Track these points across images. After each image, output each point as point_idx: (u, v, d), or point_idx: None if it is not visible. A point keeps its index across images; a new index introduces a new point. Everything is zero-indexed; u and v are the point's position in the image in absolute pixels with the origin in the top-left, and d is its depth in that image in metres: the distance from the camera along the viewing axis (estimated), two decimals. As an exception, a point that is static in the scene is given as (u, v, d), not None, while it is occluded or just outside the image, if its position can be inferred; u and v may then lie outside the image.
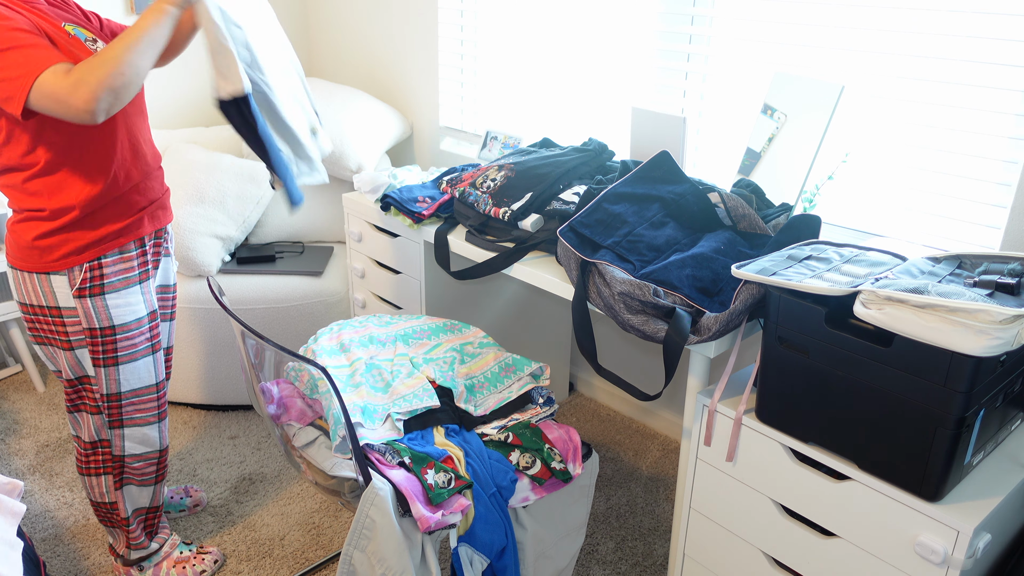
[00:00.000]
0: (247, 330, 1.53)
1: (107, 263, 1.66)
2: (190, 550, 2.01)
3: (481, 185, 1.94)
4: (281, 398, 1.68)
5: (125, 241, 1.68)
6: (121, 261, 1.69)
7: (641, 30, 2.31)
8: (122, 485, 1.86)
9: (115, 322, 1.68)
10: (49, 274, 1.62)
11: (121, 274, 1.68)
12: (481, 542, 1.52)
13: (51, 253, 1.61)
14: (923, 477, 1.23)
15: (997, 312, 1.09)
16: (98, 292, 1.65)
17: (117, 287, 1.67)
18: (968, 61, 1.71)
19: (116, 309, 1.68)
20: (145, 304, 1.74)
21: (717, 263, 1.56)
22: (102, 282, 1.65)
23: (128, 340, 1.72)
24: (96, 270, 1.64)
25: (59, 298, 1.65)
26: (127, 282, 1.69)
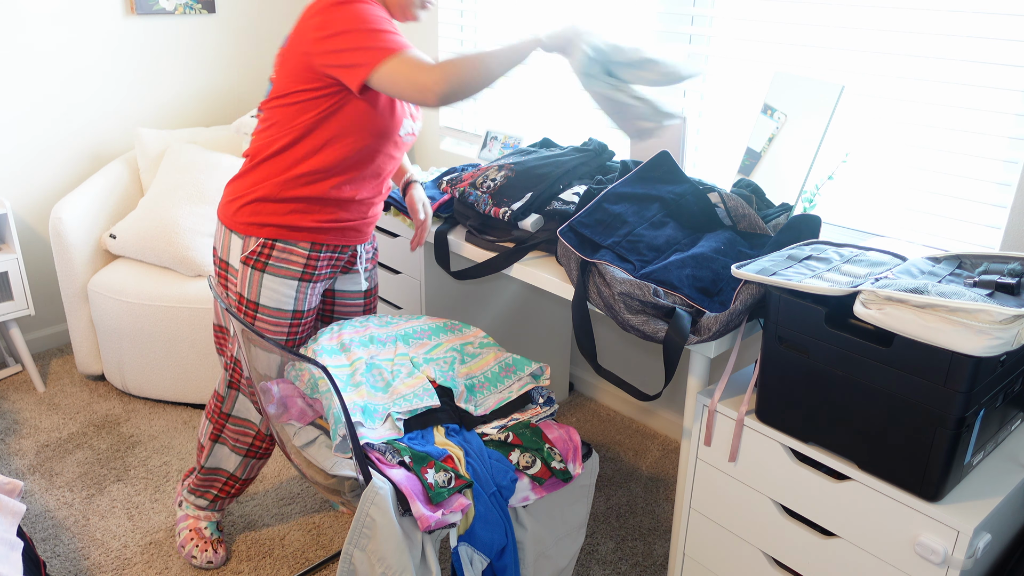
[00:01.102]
0: (247, 329, 1.53)
1: (279, 247, 1.74)
2: (213, 534, 2.05)
3: (481, 185, 1.94)
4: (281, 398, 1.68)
5: (297, 239, 1.74)
6: (290, 253, 1.75)
7: (641, 30, 2.31)
8: (216, 439, 1.97)
9: (260, 300, 1.77)
10: (231, 232, 1.77)
11: (284, 263, 1.75)
12: (481, 541, 1.52)
13: (244, 215, 1.74)
14: (923, 477, 1.23)
15: (997, 312, 1.09)
16: (260, 268, 1.74)
17: (277, 272, 1.75)
18: (968, 61, 1.71)
19: (267, 290, 1.76)
20: (295, 301, 1.79)
21: (717, 263, 1.56)
22: (267, 261, 1.74)
23: (265, 323, 1.79)
24: (267, 248, 1.73)
25: (231, 256, 1.79)
26: (288, 273, 1.76)
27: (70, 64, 2.90)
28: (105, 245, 2.77)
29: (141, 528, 2.17)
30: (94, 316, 2.70)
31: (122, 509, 2.24)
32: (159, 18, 3.07)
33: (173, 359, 2.62)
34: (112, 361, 2.72)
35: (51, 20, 2.82)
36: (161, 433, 2.58)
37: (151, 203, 2.74)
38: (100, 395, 2.80)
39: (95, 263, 2.75)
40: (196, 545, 2.02)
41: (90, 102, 2.99)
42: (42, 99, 2.87)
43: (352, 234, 1.82)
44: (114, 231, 2.74)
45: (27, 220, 2.95)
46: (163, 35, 3.10)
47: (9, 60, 2.76)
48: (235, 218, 1.75)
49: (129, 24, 3.00)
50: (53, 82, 2.88)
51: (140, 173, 2.94)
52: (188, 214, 2.70)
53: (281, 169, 1.70)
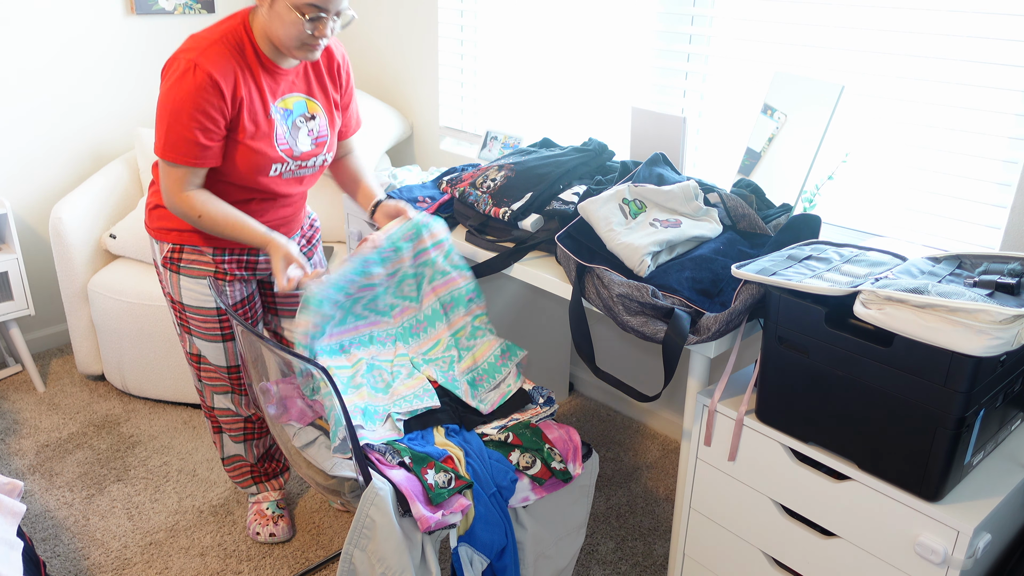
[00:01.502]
0: (247, 330, 1.53)
1: (186, 250, 1.82)
2: (274, 511, 2.14)
3: (481, 185, 1.94)
4: (281, 398, 1.68)
5: (199, 243, 1.81)
6: (198, 255, 1.82)
7: (641, 30, 2.31)
8: (219, 431, 2.06)
9: (183, 300, 1.85)
10: (150, 237, 1.88)
11: (195, 264, 1.82)
12: (481, 542, 1.52)
13: (154, 221, 1.84)
14: (923, 477, 1.23)
15: (997, 312, 1.09)
16: (175, 270, 1.83)
17: (191, 274, 1.83)
18: (968, 61, 1.71)
19: (186, 291, 1.84)
20: (215, 299, 1.85)
21: (717, 263, 1.56)
22: (179, 263, 1.82)
23: (196, 322, 1.87)
24: (176, 252, 1.82)
25: (157, 257, 1.87)
26: (200, 273, 1.82)
27: (70, 64, 2.90)
28: (105, 245, 2.77)
29: (141, 528, 2.17)
30: (94, 316, 2.70)
31: (122, 509, 2.24)
32: (159, 18, 3.07)
33: (173, 359, 2.62)
34: (112, 361, 2.72)
35: (51, 20, 2.82)
36: (161, 433, 2.58)
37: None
38: (100, 395, 2.80)
39: (95, 263, 2.75)
40: (258, 523, 2.12)
41: (90, 102, 2.99)
42: (42, 99, 2.87)
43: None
44: (114, 231, 2.74)
45: (27, 220, 2.95)
46: (163, 35, 3.10)
47: (9, 60, 2.76)
48: (149, 223, 1.85)
49: (129, 24, 3.00)
50: (53, 82, 2.88)
51: (140, 173, 2.94)
52: (188, 214, 2.70)
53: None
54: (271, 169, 1.74)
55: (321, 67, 1.80)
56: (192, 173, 1.66)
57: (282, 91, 1.73)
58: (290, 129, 1.74)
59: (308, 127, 1.77)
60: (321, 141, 1.81)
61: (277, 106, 1.72)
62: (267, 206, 1.84)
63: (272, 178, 1.76)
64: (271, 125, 1.70)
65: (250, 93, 1.65)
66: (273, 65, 1.69)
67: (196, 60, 1.58)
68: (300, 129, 1.76)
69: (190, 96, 1.58)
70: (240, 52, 1.64)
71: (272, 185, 1.78)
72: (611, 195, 1.69)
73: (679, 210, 1.69)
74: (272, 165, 1.73)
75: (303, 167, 1.80)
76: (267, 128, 1.70)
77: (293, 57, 1.67)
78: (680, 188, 1.69)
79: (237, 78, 1.62)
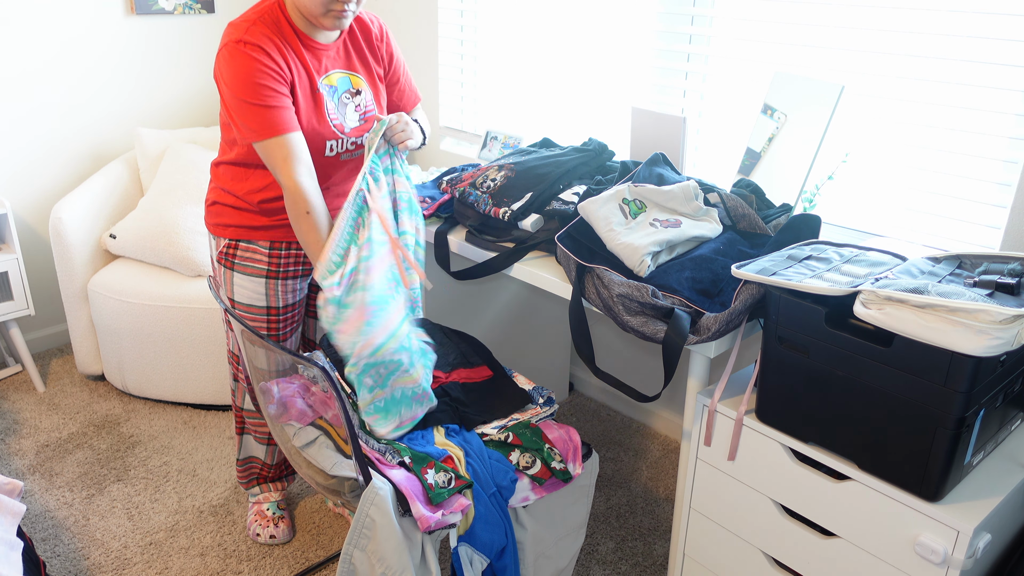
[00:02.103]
0: (247, 330, 1.53)
1: (242, 247, 1.83)
2: (275, 512, 2.14)
3: (481, 185, 1.94)
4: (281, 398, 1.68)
5: (256, 237, 1.81)
6: (253, 252, 1.83)
7: (641, 30, 2.31)
8: (242, 432, 2.07)
9: (234, 297, 1.86)
10: (209, 233, 1.90)
11: (249, 261, 1.83)
12: (481, 542, 1.52)
13: (212, 217, 1.86)
14: (923, 477, 1.23)
15: (997, 312, 1.09)
16: (230, 266, 1.84)
17: (245, 271, 1.84)
18: (968, 61, 1.71)
19: (238, 287, 1.85)
20: (267, 297, 1.85)
21: (717, 263, 1.56)
22: (234, 260, 1.84)
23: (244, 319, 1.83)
24: (232, 248, 1.83)
25: (213, 254, 1.89)
26: (254, 271, 1.83)
27: (70, 64, 2.90)
28: (105, 245, 2.77)
29: (141, 528, 2.17)
30: (94, 316, 2.70)
31: (122, 509, 2.24)
32: (159, 18, 3.07)
33: (173, 359, 2.62)
34: (112, 361, 2.72)
35: (51, 20, 2.82)
36: (161, 433, 2.58)
37: (151, 203, 2.74)
38: (100, 395, 2.80)
39: (95, 263, 2.75)
40: (259, 523, 2.12)
41: (90, 102, 2.99)
42: (42, 99, 2.87)
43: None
44: (114, 231, 2.74)
45: (27, 220, 2.95)
46: (163, 35, 3.10)
47: (9, 60, 2.76)
48: (207, 219, 1.87)
49: (129, 24, 3.00)
50: (53, 82, 2.88)
51: (140, 173, 2.94)
52: (188, 214, 2.70)
53: (231, 178, 1.80)
54: (327, 148, 1.74)
55: (360, 41, 1.81)
56: (292, 145, 1.62)
57: (325, 67, 1.74)
58: (337, 105, 1.75)
59: (355, 102, 1.78)
60: (369, 116, 1.82)
61: (323, 82, 1.73)
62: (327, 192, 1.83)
63: (329, 159, 1.76)
64: (320, 100, 1.71)
65: (296, 68, 1.67)
66: (311, 41, 1.70)
67: (240, 39, 1.60)
68: (347, 105, 1.77)
69: (247, 71, 1.59)
70: (278, 30, 1.65)
71: (330, 169, 1.78)
72: (611, 195, 1.69)
73: (679, 210, 1.69)
74: (327, 143, 1.74)
75: (357, 145, 1.81)
76: (317, 104, 1.71)
77: (323, 27, 1.67)
78: (680, 188, 1.69)
79: (282, 52, 1.64)
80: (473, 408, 1.69)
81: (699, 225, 1.66)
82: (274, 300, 1.86)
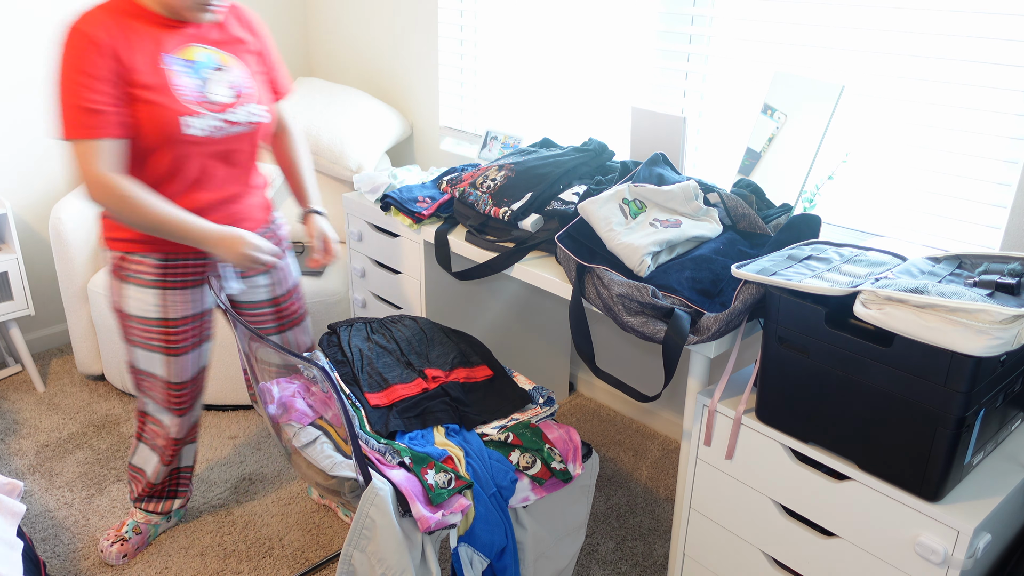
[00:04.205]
0: (247, 330, 1.53)
1: (131, 259, 1.78)
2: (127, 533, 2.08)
3: (481, 185, 1.94)
4: (281, 398, 1.68)
5: (146, 250, 1.77)
6: (143, 264, 1.78)
7: (641, 30, 2.31)
8: (140, 437, 2.03)
9: (126, 309, 1.82)
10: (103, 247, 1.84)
11: (140, 273, 1.79)
12: (481, 542, 1.52)
13: (103, 231, 1.81)
14: (923, 477, 1.23)
15: (997, 312, 1.09)
16: (121, 278, 1.80)
17: (136, 282, 1.79)
18: (968, 61, 1.71)
19: (131, 299, 1.81)
20: (160, 309, 1.81)
21: (717, 263, 1.56)
22: (125, 272, 1.79)
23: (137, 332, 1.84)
24: (123, 260, 1.79)
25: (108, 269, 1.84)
26: (144, 282, 1.79)
27: (70, 64, 2.90)
28: (105, 245, 2.77)
29: (141, 528, 2.17)
30: (94, 316, 2.70)
31: (122, 509, 2.24)
32: (159, 18, 3.07)
33: (173, 359, 2.62)
34: (112, 361, 2.71)
35: (51, 20, 2.82)
36: (161, 433, 2.58)
37: (151, 203, 2.74)
38: (100, 395, 2.80)
39: (95, 263, 2.75)
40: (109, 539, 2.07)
41: (90, 102, 2.99)
42: (42, 100, 2.87)
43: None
44: (114, 231, 2.74)
45: (27, 220, 2.95)
46: (163, 35, 3.09)
47: (9, 60, 2.76)
48: (100, 233, 1.83)
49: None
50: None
51: (140, 173, 2.94)
52: (188, 214, 2.70)
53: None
54: (183, 124, 1.63)
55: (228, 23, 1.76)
56: (98, 149, 1.57)
57: (180, 43, 1.66)
58: (205, 81, 1.68)
59: (225, 79, 1.71)
60: (241, 92, 1.73)
61: (176, 56, 1.65)
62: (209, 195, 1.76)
63: (196, 138, 1.66)
64: (164, 76, 1.62)
65: (138, 44, 1.60)
66: (163, 19, 1.64)
67: (73, 26, 1.56)
68: (213, 80, 1.70)
69: (70, 59, 1.54)
70: (123, 11, 1.60)
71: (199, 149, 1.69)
72: (611, 195, 1.69)
73: (679, 210, 1.69)
74: (181, 119, 1.63)
75: (233, 123, 1.71)
76: (162, 79, 1.62)
77: (190, 20, 1.65)
78: (680, 188, 1.69)
79: (117, 34, 1.58)
80: (473, 408, 1.70)
81: (699, 225, 1.66)
82: (169, 311, 1.81)
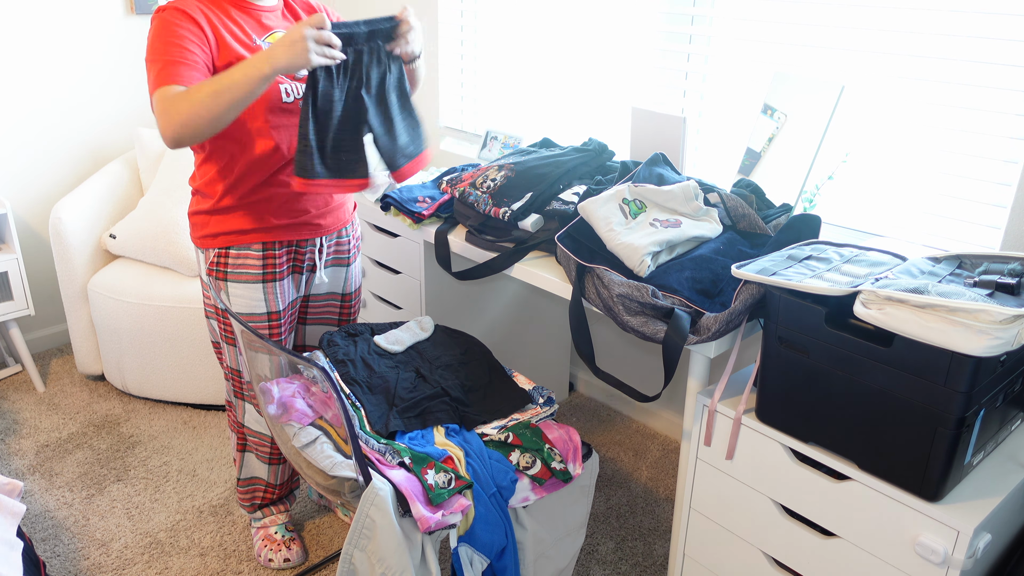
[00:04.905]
0: (247, 330, 1.53)
1: (232, 254, 1.77)
2: (284, 535, 2.07)
3: (481, 185, 1.94)
4: (281, 398, 1.68)
5: (250, 241, 1.76)
6: (246, 257, 1.77)
7: (641, 30, 2.31)
8: (243, 450, 2.02)
9: (232, 308, 1.80)
10: (197, 248, 1.83)
11: (242, 268, 1.78)
12: (481, 542, 1.52)
13: (197, 230, 1.79)
14: (923, 477, 1.23)
15: (997, 312, 1.09)
16: (222, 277, 1.79)
17: (239, 279, 1.78)
18: (968, 61, 1.71)
19: (235, 298, 1.79)
20: (266, 303, 1.81)
21: (717, 263, 1.56)
22: (226, 269, 1.78)
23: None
24: (223, 257, 1.77)
25: (202, 269, 1.83)
26: (248, 277, 1.78)
27: (70, 64, 2.90)
28: (105, 245, 2.77)
29: (141, 528, 2.17)
30: (94, 316, 2.70)
31: (122, 509, 2.24)
32: (159, 18, 3.07)
33: (173, 359, 2.62)
34: (112, 361, 2.72)
35: (51, 20, 2.82)
36: (161, 433, 2.58)
37: (151, 203, 2.74)
38: (100, 395, 2.80)
39: (95, 263, 2.75)
40: (270, 549, 2.04)
41: (90, 102, 2.99)
42: (42, 99, 2.87)
43: (305, 228, 1.82)
44: (114, 231, 2.74)
45: (27, 220, 2.95)
46: (163, 35, 3.09)
47: (9, 60, 2.76)
48: (194, 233, 1.80)
49: (129, 24, 3.00)
50: (53, 82, 2.88)
51: (140, 173, 2.94)
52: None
53: (210, 180, 1.74)
54: (283, 92, 1.68)
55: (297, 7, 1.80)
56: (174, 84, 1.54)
57: (264, 29, 1.71)
58: None
59: None
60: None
61: (265, 40, 1.70)
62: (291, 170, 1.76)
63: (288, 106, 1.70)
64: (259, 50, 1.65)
65: (228, 28, 1.64)
66: (247, 3, 1.69)
67: (163, 6, 1.59)
68: None
69: (163, 30, 1.56)
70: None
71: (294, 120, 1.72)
72: (611, 195, 1.69)
73: (679, 210, 1.69)
74: (281, 87, 1.68)
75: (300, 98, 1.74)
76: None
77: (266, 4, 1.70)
78: (680, 188, 1.69)
79: (208, 15, 1.62)
80: (473, 408, 1.69)
81: (699, 225, 1.66)
82: (274, 304, 1.82)
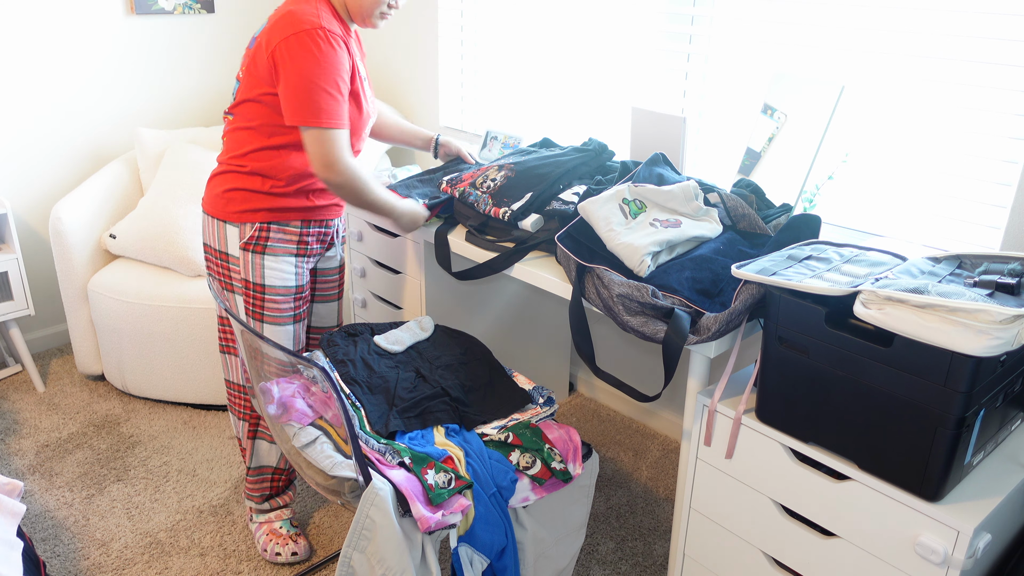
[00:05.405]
0: (247, 330, 1.53)
1: (274, 228, 1.83)
2: (289, 530, 2.08)
3: (481, 185, 1.94)
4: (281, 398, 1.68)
5: (289, 218, 1.84)
6: (284, 232, 1.84)
7: (641, 30, 2.31)
8: (254, 437, 2.03)
9: (265, 282, 1.85)
10: (226, 223, 1.84)
11: (281, 243, 1.85)
12: (481, 542, 1.52)
13: (235, 204, 1.82)
14: (923, 477, 1.23)
15: (997, 312, 1.09)
16: (260, 251, 1.83)
17: (276, 252, 1.84)
18: (969, 61, 1.71)
19: (270, 271, 1.85)
20: (296, 277, 1.88)
21: (717, 263, 1.56)
22: (266, 243, 1.83)
23: (273, 303, 1.87)
24: (264, 231, 1.82)
25: (229, 246, 1.86)
26: (285, 251, 1.85)
27: (70, 64, 2.90)
28: (105, 245, 2.77)
29: (141, 528, 2.17)
30: (94, 316, 2.70)
31: (122, 509, 2.24)
32: (159, 18, 3.07)
33: (173, 359, 2.62)
34: (112, 361, 2.72)
35: (51, 20, 2.82)
36: (161, 433, 2.58)
37: (151, 203, 2.74)
38: (100, 395, 2.80)
39: (95, 263, 2.75)
40: (276, 543, 2.05)
41: (90, 102, 2.99)
42: (42, 99, 2.87)
43: (335, 209, 1.95)
44: (114, 231, 2.74)
45: (27, 220, 2.95)
46: (163, 35, 3.10)
47: (9, 60, 2.76)
48: (227, 208, 1.83)
49: (129, 24, 3.00)
50: (53, 82, 2.88)
51: (140, 173, 2.94)
52: (188, 214, 2.70)
53: (267, 164, 1.79)
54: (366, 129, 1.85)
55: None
56: (342, 136, 1.71)
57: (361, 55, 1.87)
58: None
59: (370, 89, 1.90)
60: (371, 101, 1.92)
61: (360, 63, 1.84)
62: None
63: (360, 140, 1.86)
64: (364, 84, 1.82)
65: (352, 54, 1.77)
66: (350, 30, 1.81)
67: (322, 26, 1.67)
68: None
69: (330, 60, 1.66)
70: (337, 17, 1.76)
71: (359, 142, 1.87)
72: (611, 195, 1.69)
73: (679, 210, 1.69)
74: (368, 120, 1.84)
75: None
76: (366, 88, 1.83)
77: (366, 26, 1.81)
78: (680, 188, 1.69)
79: (348, 45, 1.74)
80: (473, 408, 1.70)
81: (699, 225, 1.66)
82: (301, 278, 1.90)
